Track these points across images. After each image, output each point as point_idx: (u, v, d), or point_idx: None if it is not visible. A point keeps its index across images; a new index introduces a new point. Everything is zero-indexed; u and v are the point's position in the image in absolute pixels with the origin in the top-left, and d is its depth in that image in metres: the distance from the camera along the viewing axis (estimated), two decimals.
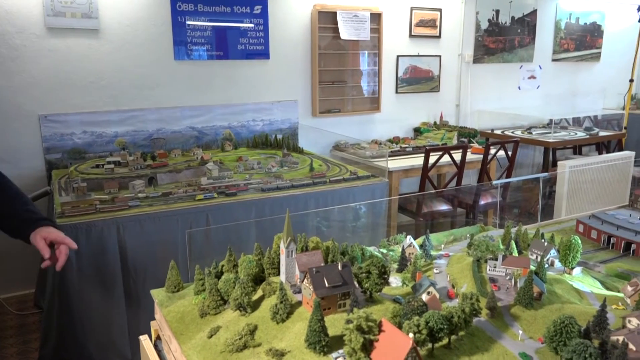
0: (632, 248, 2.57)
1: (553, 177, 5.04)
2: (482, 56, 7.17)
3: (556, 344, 1.39)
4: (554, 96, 8.16)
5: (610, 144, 7.45)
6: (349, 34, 5.74)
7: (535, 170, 7.87)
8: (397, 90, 6.45)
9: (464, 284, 1.82)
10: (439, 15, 6.53)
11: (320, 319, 1.39)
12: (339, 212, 3.03)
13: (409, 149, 5.68)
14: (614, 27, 8.70)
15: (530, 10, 7.51)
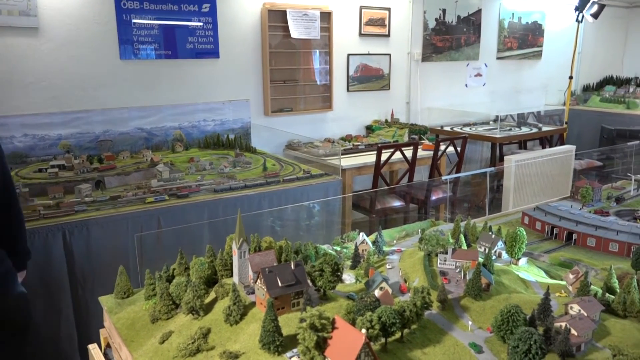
0: (573, 237, 2.69)
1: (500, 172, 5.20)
2: (431, 54, 7.32)
3: (503, 332, 1.44)
4: (499, 93, 8.43)
5: (552, 139, 7.76)
6: (300, 33, 5.74)
7: (483, 165, 8.10)
8: (349, 89, 6.50)
9: (415, 278, 1.86)
10: (387, 14, 6.62)
11: (274, 319, 1.38)
12: (293, 211, 3.02)
13: (362, 147, 5.74)
14: (554, 26, 9.07)
15: (475, 10, 7.72)
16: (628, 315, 1.72)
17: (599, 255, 2.53)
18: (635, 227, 2.68)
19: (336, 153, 5.20)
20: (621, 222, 2.78)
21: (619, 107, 9.29)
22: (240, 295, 1.59)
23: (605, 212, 3.07)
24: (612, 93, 9.82)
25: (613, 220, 2.81)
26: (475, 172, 5.89)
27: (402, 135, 6.18)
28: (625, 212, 3.15)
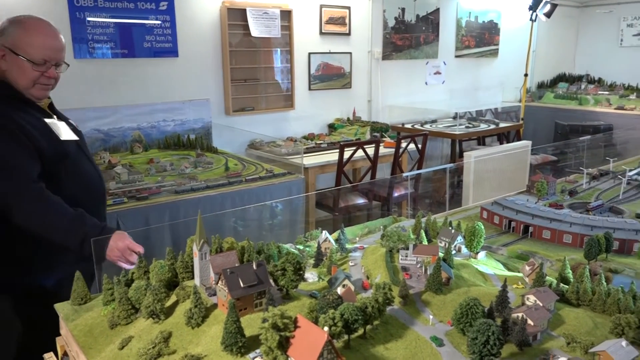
0: (529, 230, 2.77)
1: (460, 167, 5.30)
2: (391, 53, 7.40)
3: (463, 325, 1.47)
4: (458, 90, 8.61)
5: (509, 135, 7.98)
6: (260, 31, 5.71)
7: (444, 161, 8.26)
8: (310, 87, 6.51)
9: (378, 274, 1.87)
10: (347, 13, 6.66)
11: (236, 320, 1.37)
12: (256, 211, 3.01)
13: (324, 145, 5.76)
14: (509, 25, 9.32)
15: (433, 9, 7.86)
16: (581, 304, 1.78)
17: (554, 247, 2.61)
18: (588, 219, 2.78)
19: (299, 152, 5.21)
20: (574, 215, 2.87)
21: (572, 104, 9.63)
22: (201, 297, 1.57)
23: (560, 205, 3.17)
24: (565, 90, 10.17)
25: (567, 213, 2.91)
26: (436, 168, 5.99)
27: (364, 133, 6.23)
28: (578, 205, 3.26)
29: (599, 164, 4.39)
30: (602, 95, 9.73)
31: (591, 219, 2.79)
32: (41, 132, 2.32)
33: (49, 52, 2.31)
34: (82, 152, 2.53)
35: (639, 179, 3.80)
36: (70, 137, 2.44)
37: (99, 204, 2.59)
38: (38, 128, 2.32)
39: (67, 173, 2.39)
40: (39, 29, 2.33)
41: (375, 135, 6.25)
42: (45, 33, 2.34)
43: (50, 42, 2.34)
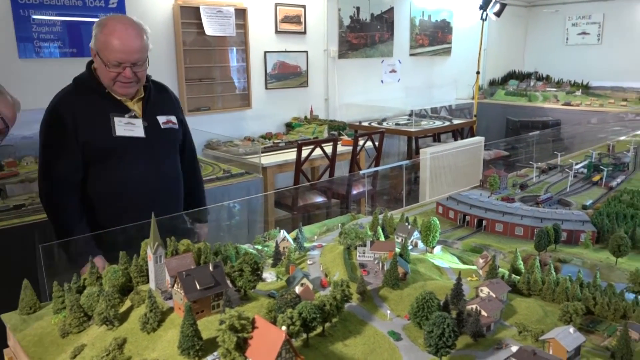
0: (483, 224, 2.84)
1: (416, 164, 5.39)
2: (347, 51, 7.45)
3: (419, 319, 1.49)
4: (413, 88, 8.75)
5: (463, 131, 8.18)
6: (214, 30, 5.64)
7: (401, 158, 8.38)
8: (267, 86, 6.48)
9: (336, 272, 1.88)
10: (303, 11, 6.66)
11: (193, 323, 1.35)
12: (213, 211, 2.97)
13: (282, 144, 5.75)
14: (461, 24, 9.54)
15: (387, 8, 7.95)
16: (532, 294, 1.84)
17: (507, 240, 2.68)
18: (537, 211, 2.88)
19: (256, 151, 5.17)
20: (525, 208, 2.97)
21: (522, 100, 9.96)
22: (157, 301, 1.54)
23: (511, 198, 3.27)
24: (515, 87, 10.51)
25: (518, 206, 3.00)
26: (392, 165, 6.08)
27: (322, 132, 6.26)
28: (528, 198, 3.37)
29: (548, 158, 4.55)
30: (550, 92, 10.11)
31: (541, 211, 2.89)
32: (97, 125, 2.53)
33: (121, 55, 2.45)
34: (148, 153, 2.62)
35: (585, 172, 3.96)
36: (128, 134, 2.55)
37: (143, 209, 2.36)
38: (96, 121, 2.53)
39: (110, 169, 2.58)
40: (115, 33, 2.45)
41: (333, 134, 6.29)
42: (120, 36, 2.45)
43: (124, 45, 2.45)
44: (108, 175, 2.59)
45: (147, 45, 2.59)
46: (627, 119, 7.80)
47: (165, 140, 2.72)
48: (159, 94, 2.78)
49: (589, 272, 2.17)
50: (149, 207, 2.55)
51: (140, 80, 2.59)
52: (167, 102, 2.82)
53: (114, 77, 2.50)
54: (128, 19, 2.57)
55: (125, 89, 2.57)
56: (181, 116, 2.85)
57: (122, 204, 2.62)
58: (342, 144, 5.83)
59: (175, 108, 2.84)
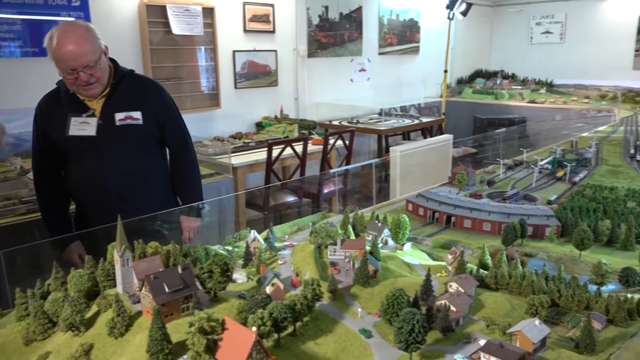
0: (452, 220, 2.88)
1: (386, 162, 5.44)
2: (316, 50, 7.46)
3: (390, 315, 1.51)
4: (382, 87, 8.81)
5: (432, 129, 8.28)
6: (181, 29, 5.57)
7: (371, 156, 8.44)
8: (236, 86, 6.43)
9: (307, 271, 1.88)
10: (271, 10, 6.63)
11: (162, 326, 1.33)
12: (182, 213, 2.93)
13: (252, 144, 5.72)
14: (429, 23, 9.65)
15: (356, 7, 7.99)
16: (499, 288, 1.88)
17: (475, 235, 2.73)
18: (504, 207, 2.94)
19: (226, 152, 5.13)
20: (492, 204, 3.02)
21: (489, 98, 10.14)
22: (124, 305, 1.51)
23: (479, 195, 3.33)
24: (482, 85, 10.69)
25: (485, 202, 3.05)
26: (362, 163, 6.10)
27: (292, 131, 6.24)
28: (495, 194, 3.43)
29: (514, 155, 4.65)
30: (516, 89, 10.32)
31: (507, 207, 2.95)
32: (57, 126, 2.67)
33: (70, 63, 2.53)
34: (98, 151, 2.70)
35: (549, 167, 4.06)
36: (80, 133, 2.65)
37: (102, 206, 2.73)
38: (58, 122, 2.67)
39: (72, 166, 2.77)
40: (60, 42, 2.52)
41: (304, 133, 6.28)
42: (65, 45, 2.52)
43: (70, 53, 2.52)
44: (70, 173, 2.80)
45: (97, 46, 2.62)
46: (589, 115, 8.03)
47: (121, 137, 2.72)
48: (130, 90, 2.78)
49: (554, 265, 2.23)
50: (107, 203, 2.72)
51: (99, 79, 2.64)
52: (138, 96, 2.80)
53: (74, 83, 2.60)
54: (71, 26, 2.66)
55: (88, 91, 2.66)
56: (155, 109, 2.83)
57: (82, 200, 2.86)
58: (312, 143, 5.82)
59: (147, 102, 2.82)
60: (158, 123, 2.85)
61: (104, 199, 2.73)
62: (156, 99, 2.88)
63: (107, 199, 2.73)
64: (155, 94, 2.89)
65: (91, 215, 2.78)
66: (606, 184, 3.63)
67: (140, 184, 2.82)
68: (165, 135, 2.93)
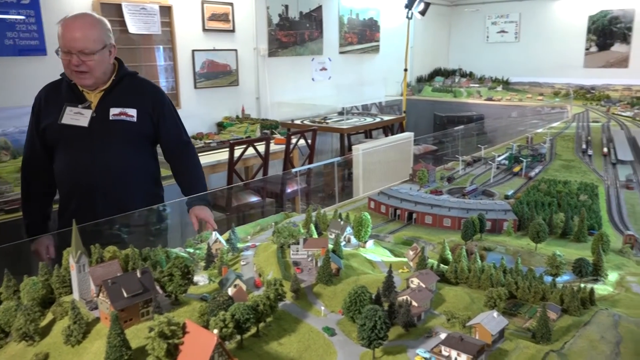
0: (413, 217, 2.92)
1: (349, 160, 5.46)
2: (277, 50, 7.43)
3: (352, 313, 1.51)
4: (344, 86, 8.86)
5: (393, 127, 8.38)
6: (138, 28, 5.45)
7: (334, 155, 8.47)
8: (196, 86, 6.34)
9: (270, 271, 1.87)
10: (230, 9, 6.57)
11: (120, 332, 1.29)
12: (141, 216, 2.86)
13: (214, 144, 5.65)
14: (388, 22, 9.76)
15: (316, 6, 8.00)
16: (459, 282, 1.92)
17: (436, 231, 2.78)
18: (464, 202, 3.00)
19: None
20: (452, 200, 3.09)
21: (448, 96, 10.34)
22: (81, 312, 1.46)
23: (439, 191, 3.39)
24: (441, 83, 10.89)
25: (445, 198, 3.11)
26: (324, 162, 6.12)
27: (254, 131, 6.21)
28: (455, 190, 3.51)
29: (473, 151, 4.76)
30: (474, 87, 10.56)
31: (467, 202, 3.01)
32: (52, 113, 2.72)
33: (64, 42, 2.62)
34: (88, 144, 2.71)
35: (506, 163, 4.17)
36: (72, 122, 2.69)
37: (85, 199, 2.75)
38: (54, 109, 2.73)
39: (60, 156, 2.78)
40: (66, 23, 2.64)
41: (266, 133, 6.25)
42: (69, 26, 2.63)
43: (69, 33, 2.62)
44: (57, 161, 2.80)
45: (100, 38, 2.68)
46: (544, 112, 8.30)
47: (112, 131, 2.76)
48: (129, 88, 2.84)
49: (512, 258, 2.29)
50: (89, 196, 2.74)
51: (91, 70, 2.68)
52: (136, 95, 2.86)
53: (67, 65, 2.66)
54: (85, 14, 2.76)
55: (79, 79, 2.71)
56: (151, 110, 2.88)
57: (66, 191, 2.85)
58: (275, 143, 5.81)
59: (145, 101, 2.87)
60: (153, 123, 2.90)
61: (87, 192, 2.75)
62: (153, 100, 2.93)
63: (90, 193, 2.75)
64: (153, 95, 2.95)
65: (73, 208, 2.78)
66: (560, 178, 3.76)
67: (126, 181, 2.83)
68: (162, 136, 2.97)
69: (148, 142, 2.96)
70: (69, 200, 2.84)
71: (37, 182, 2.87)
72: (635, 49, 9.46)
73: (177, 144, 3.06)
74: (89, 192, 2.75)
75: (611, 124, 6.47)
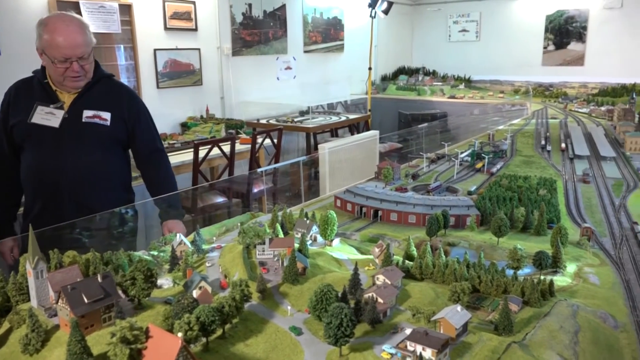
0: (379, 214, 2.95)
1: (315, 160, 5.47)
2: (241, 49, 7.37)
3: (319, 311, 1.52)
4: (309, 85, 8.86)
5: (359, 125, 8.43)
6: (97, 27, 5.32)
7: (301, 154, 8.47)
8: (159, 85, 6.24)
9: (235, 272, 1.86)
10: (193, 7, 6.48)
11: (80, 339, 1.26)
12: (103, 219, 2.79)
13: (178, 145, 5.56)
14: (352, 22, 9.81)
15: (279, 5, 7.97)
16: (424, 278, 1.94)
17: (401, 228, 2.81)
18: (428, 199, 3.04)
19: None
20: (417, 196, 3.12)
21: (412, 94, 10.47)
22: (39, 320, 1.42)
23: (404, 188, 3.43)
24: (405, 82, 11.01)
25: (410, 195, 3.14)
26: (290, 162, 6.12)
27: (219, 131, 6.14)
28: (420, 187, 3.55)
29: (437, 149, 4.83)
30: (437, 86, 10.73)
31: (431, 199, 3.05)
32: (22, 112, 2.66)
33: (67, 51, 2.54)
34: (58, 145, 2.65)
35: (469, 160, 4.25)
36: (42, 122, 2.63)
37: (52, 203, 2.69)
38: (23, 108, 2.66)
39: (28, 157, 2.70)
40: (57, 30, 2.54)
41: (231, 132, 6.19)
42: (63, 33, 2.53)
43: (68, 41, 2.54)
44: (24, 161, 2.74)
45: (91, 40, 2.69)
46: (504, 109, 8.49)
47: (84, 134, 2.72)
48: (105, 91, 2.80)
49: (475, 253, 2.33)
50: (56, 199, 2.70)
51: (87, 73, 2.69)
52: (111, 98, 2.82)
53: (63, 73, 2.61)
54: (68, 16, 2.66)
55: (75, 83, 2.67)
56: (126, 115, 2.84)
57: (31, 192, 2.78)
58: (240, 143, 5.76)
59: (120, 106, 2.83)
60: (127, 128, 2.87)
61: (54, 195, 2.69)
62: (129, 105, 2.89)
63: (57, 196, 2.69)
64: (128, 100, 2.91)
65: (37, 211, 2.73)
66: (520, 173, 3.85)
67: (95, 186, 2.79)
68: (135, 142, 2.94)
69: (120, 146, 2.92)
70: (34, 202, 2.77)
71: (2, 182, 2.80)
72: (590, 48, 9.79)
73: (150, 151, 3.03)
74: (56, 195, 2.69)
75: (568, 120, 6.67)
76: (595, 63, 9.72)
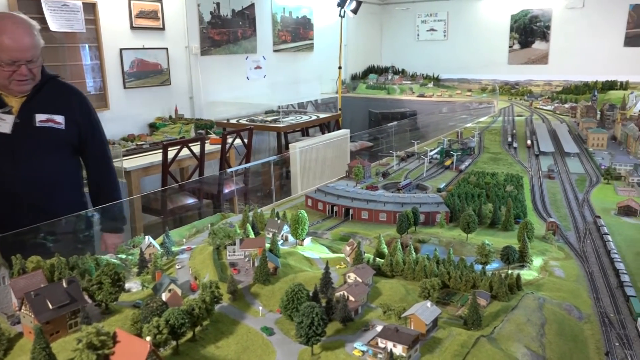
0: (350, 213, 2.96)
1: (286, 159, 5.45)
2: (209, 48, 7.30)
3: (290, 311, 1.52)
4: (279, 84, 8.83)
5: (330, 124, 8.44)
6: (60, 25, 5.19)
7: (272, 153, 8.43)
8: (126, 85, 6.12)
9: (206, 274, 1.84)
10: (160, 6, 6.38)
11: (45, 346, 1.23)
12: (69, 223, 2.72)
13: (146, 146, 5.48)
14: (321, 21, 9.82)
15: (248, 4, 7.92)
16: (395, 275, 1.96)
17: (372, 226, 2.82)
18: (398, 197, 3.07)
19: (117, 155, 4.87)
20: (387, 194, 3.15)
21: (382, 93, 10.54)
22: (1, 328, 1.38)
23: (375, 186, 3.45)
24: (375, 81, 11.08)
25: (381, 194, 3.17)
26: (260, 161, 6.09)
27: (188, 131, 6.07)
28: (390, 185, 3.58)
29: (406, 147, 4.88)
30: (406, 84, 10.83)
31: (401, 196, 3.08)
32: None
33: (15, 54, 2.44)
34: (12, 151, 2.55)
35: (438, 157, 4.30)
36: None
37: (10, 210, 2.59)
38: None
39: None
40: (5, 31, 2.42)
41: (200, 133, 6.13)
42: (11, 35, 2.42)
43: (16, 43, 2.43)
44: None
45: (40, 42, 2.58)
46: (472, 107, 8.63)
47: (38, 138, 2.64)
48: (54, 93, 2.72)
49: (444, 249, 2.36)
50: (13, 206, 2.62)
51: (35, 76, 2.58)
52: (62, 101, 2.74)
53: (9, 76, 2.49)
54: (16, 17, 2.54)
55: (22, 87, 2.56)
56: (79, 118, 2.78)
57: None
58: (210, 143, 5.70)
59: (72, 109, 2.76)
60: (80, 132, 2.80)
61: (10, 201, 2.61)
62: (80, 108, 2.83)
63: (14, 202, 2.62)
64: (79, 103, 2.84)
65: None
66: (488, 170, 3.92)
67: (52, 190, 2.73)
68: (86, 146, 2.87)
69: (73, 150, 2.85)
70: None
71: None
72: (553, 47, 10.03)
73: (101, 160, 2.99)
74: (13, 201, 2.62)
75: (534, 117, 6.83)
76: (559, 61, 9.97)
